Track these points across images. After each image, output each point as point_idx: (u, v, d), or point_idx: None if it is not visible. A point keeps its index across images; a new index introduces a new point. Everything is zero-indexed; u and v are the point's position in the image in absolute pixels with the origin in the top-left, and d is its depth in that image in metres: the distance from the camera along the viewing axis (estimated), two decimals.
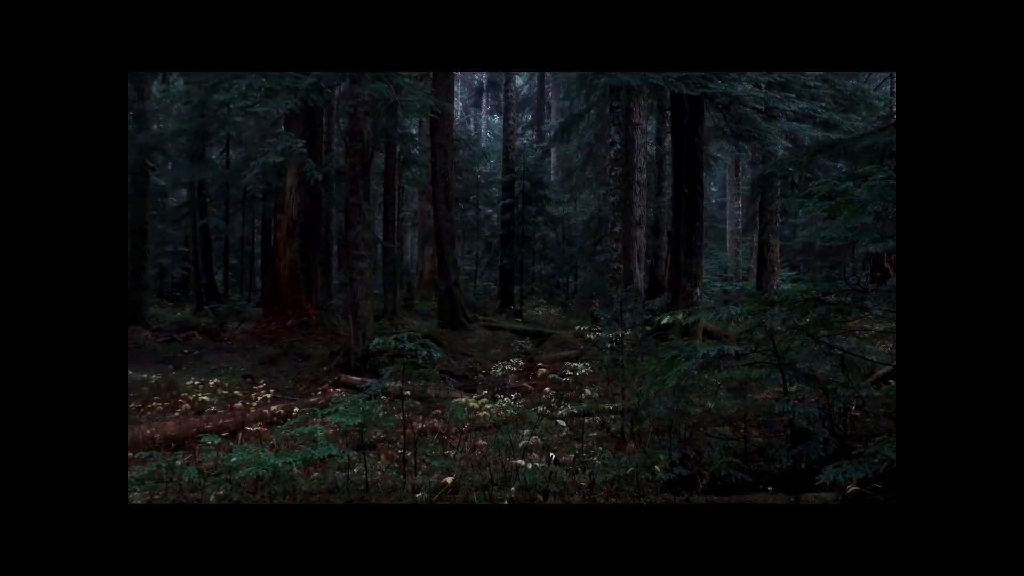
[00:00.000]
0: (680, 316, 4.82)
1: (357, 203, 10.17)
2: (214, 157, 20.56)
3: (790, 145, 11.90)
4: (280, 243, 14.34)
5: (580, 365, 6.64)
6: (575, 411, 6.01)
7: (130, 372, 9.20)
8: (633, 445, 4.95)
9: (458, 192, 19.64)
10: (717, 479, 3.91)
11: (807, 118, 10.00)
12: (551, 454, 4.43)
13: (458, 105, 29.22)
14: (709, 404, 5.37)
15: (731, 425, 5.22)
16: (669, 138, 13.49)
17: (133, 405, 7.14)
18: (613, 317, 6.66)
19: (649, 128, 15.85)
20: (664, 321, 5.42)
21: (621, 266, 12.96)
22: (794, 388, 4.29)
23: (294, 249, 14.37)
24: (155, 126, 17.33)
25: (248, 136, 16.97)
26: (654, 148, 16.39)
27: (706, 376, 4.41)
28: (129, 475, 4.17)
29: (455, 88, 19.04)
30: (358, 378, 8.67)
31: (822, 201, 3.80)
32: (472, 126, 33.94)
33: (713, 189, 30.10)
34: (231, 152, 19.81)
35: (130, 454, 5.09)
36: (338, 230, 19.53)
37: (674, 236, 10.07)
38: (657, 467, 4.03)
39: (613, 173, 13.69)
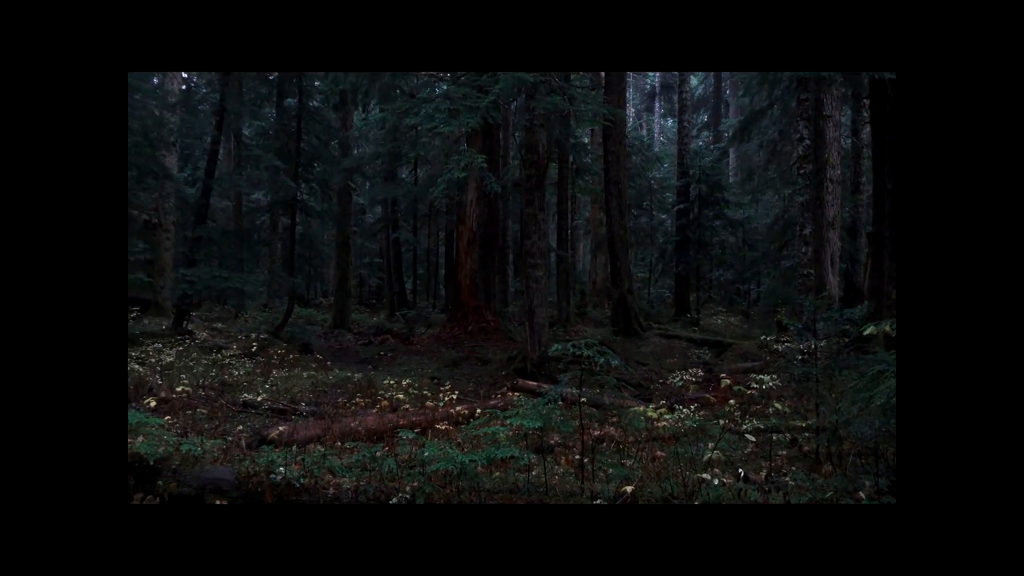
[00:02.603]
0: (887, 326, 4.31)
1: (533, 213, 10.50)
2: (404, 176, 22.50)
3: None
4: (462, 253, 15.25)
5: (766, 377, 6.21)
6: (761, 426, 5.64)
7: (337, 370, 10.37)
8: (831, 467, 4.52)
9: (631, 198, 19.44)
10: None
11: None
12: (740, 471, 4.19)
13: (630, 111, 28.95)
14: None
15: None
16: (868, 129, 12.17)
17: (340, 399, 8.02)
18: (804, 327, 6.14)
19: (843, 120, 14.43)
20: (867, 332, 4.88)
21: (811, 271, 11.92)
22: None
23: (474, 258, 15.20)
24: (355, 151, 19.40)
25: (433, 155, 18.31)
26: (849, 141, 14.89)
27: None
28: (339, 462, 4.69)
29: (627, 93, 18.90)
30: (534, 383, 8.92)
31: None
32: (644, 131, 33.41)
33: None
34: (418, 170, 21.52)
35: (339, 443, 5.72)
36: (514, 239, 20.32)
37: (876, 237, 9.05)
38: (861, 493, 3.64)
39: (801, 171, 12.65)
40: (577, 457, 4.90)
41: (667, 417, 5.38)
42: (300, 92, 14.89)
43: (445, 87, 11.11)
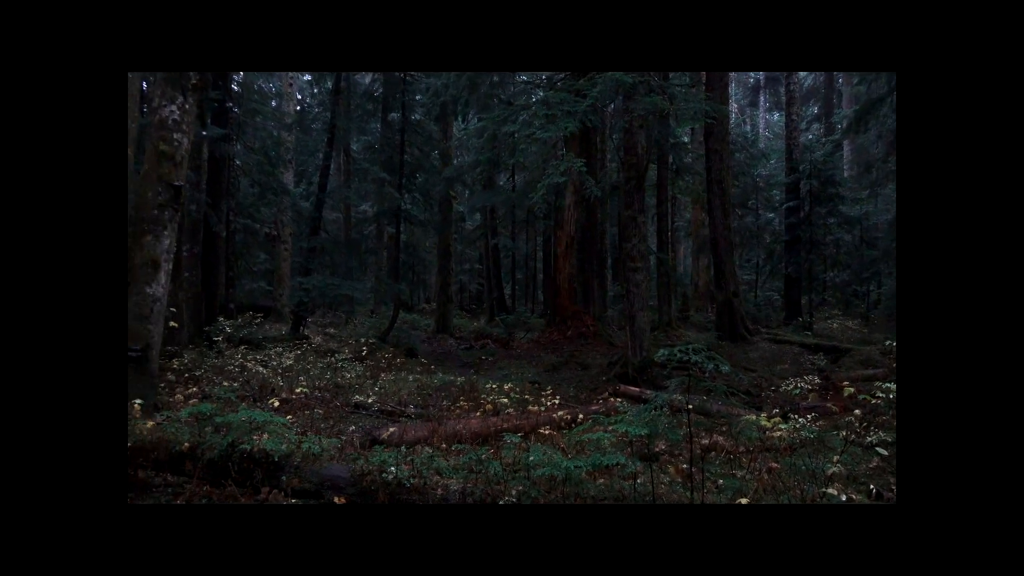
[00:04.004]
0: None
1: (632, 216, 10.32)
2: (502, 183, 22.85)
3: None
4: (560, 258, 15.25)
5: (893, 386, 5.74)
6: (889, 439, 5.22)
7: (440, 374, 10.66)
8: None
9: (735, 197, 18.69)
10: None
11: None
12: (871, 487, 3.91)
13: (733, 106, 27.84)
14: None
15: None
16: None
17: (444, 402, 8.24)
18: None
19: None
20: None
21: None
22: None
23: (572, 263, 15.16)
24: (455, 161, 19.92)
25: (531, 161, 18.47)
26: None
27: None
28: (447, 463, 4.81)
29: (729, 88, 18.17)
30: (636, 388, 8.74)
31: None
32: (748, 127, 32.02)
33: None
34: (516, 177, 21.78)
35: (444, 445, 5.87)
36: (612, 243, 20.07)
37: None
38: None
39: None
40: (685, 466, 4.75)
41: (782, 427, 5.09)
42: (403, 107, 15.51)
43: (542, 93, 11.18)
